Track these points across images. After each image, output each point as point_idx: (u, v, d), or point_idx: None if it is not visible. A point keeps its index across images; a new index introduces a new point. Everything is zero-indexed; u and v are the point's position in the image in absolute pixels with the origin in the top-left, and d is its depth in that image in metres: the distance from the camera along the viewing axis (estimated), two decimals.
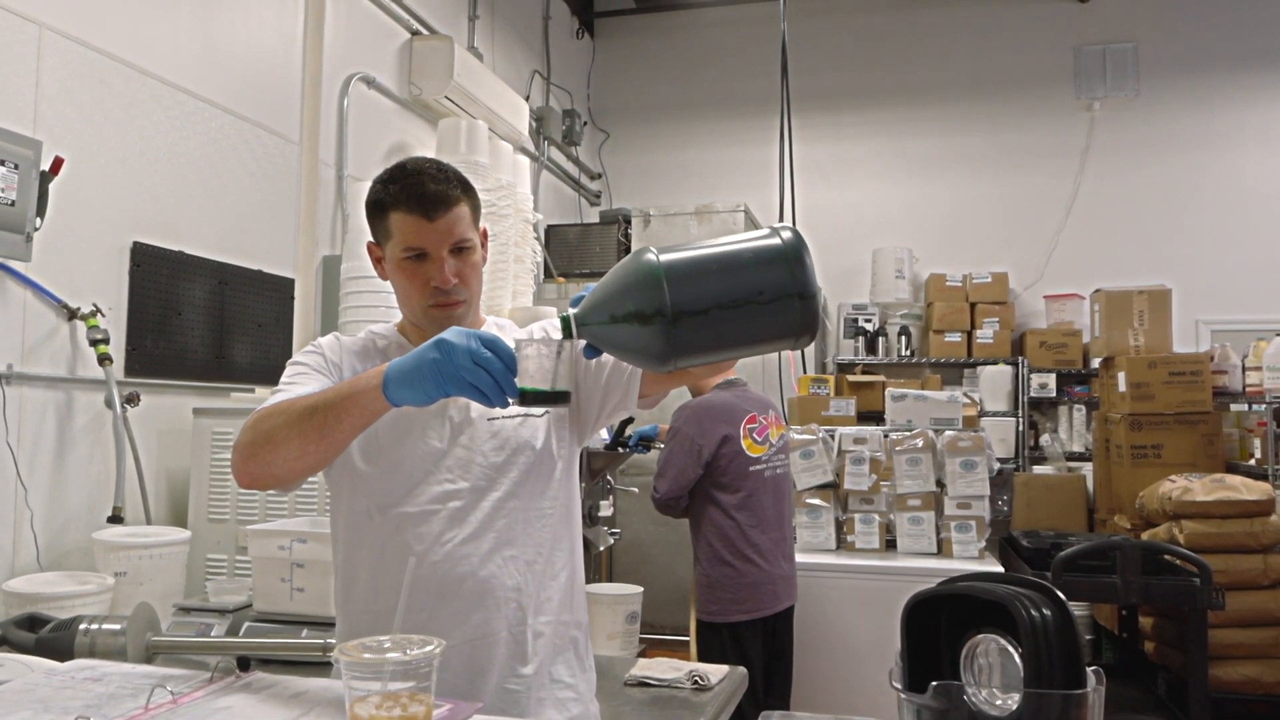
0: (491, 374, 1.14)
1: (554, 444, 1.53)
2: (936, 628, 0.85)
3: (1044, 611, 0.74)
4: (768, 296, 1.07)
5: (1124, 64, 6.17)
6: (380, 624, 1.39)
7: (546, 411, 1.51)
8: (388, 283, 2.96)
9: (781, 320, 1.08)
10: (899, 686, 0.82)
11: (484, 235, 1.56)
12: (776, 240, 1.11)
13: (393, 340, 1.59)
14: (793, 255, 1.08)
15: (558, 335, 1.57)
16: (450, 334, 1.17)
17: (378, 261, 1.54)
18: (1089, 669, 0.76)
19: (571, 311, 1.17)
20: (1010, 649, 0.77)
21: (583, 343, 1.17)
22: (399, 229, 1.46)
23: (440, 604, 1.42)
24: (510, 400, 1.16)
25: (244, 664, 1.26)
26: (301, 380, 1.49)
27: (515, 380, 1.16)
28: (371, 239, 1.54)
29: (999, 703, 0.78)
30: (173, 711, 1.06)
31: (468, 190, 1.50)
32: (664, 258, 1.10)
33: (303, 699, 1.16)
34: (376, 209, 1.49)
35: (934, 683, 0.78)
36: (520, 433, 1.50)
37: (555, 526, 1.52)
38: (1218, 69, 6.04)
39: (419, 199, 1.43)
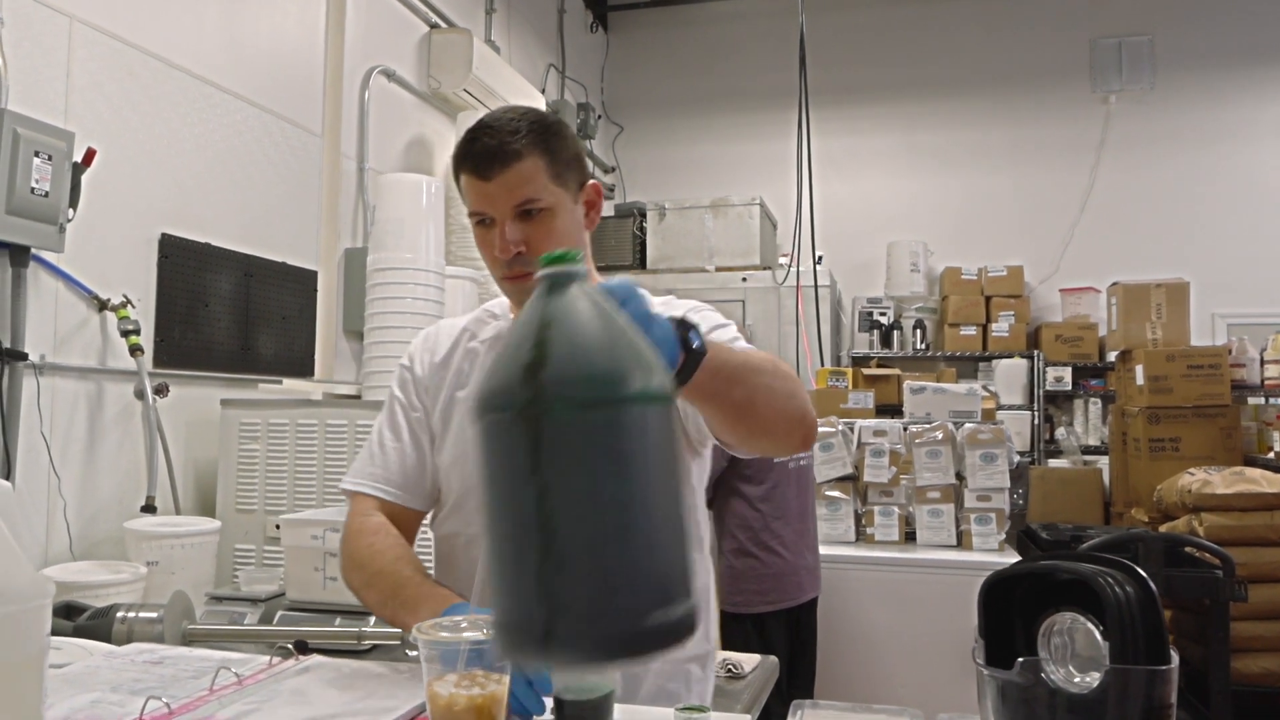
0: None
1: None
2: (1009, 607, 0.86)
3: (1127, 589, 0.75)
4: None
5: (1140, 57, 6.15)
6: None
7: None
8: (417, 275, 2.92)
9: None
10: (981, 663, 0.83)
11: (593, 191, 1.35)
12: None
13: (501, 319, 1.45)
14: None
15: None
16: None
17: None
18: None
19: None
20: (1091, 626, 0.78)
21: None
22: (466, 191, 1.31)
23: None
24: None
25: (302, 647, 1.27)
26: (386, 432, 1.44)
27: None
28: None
29: (1077, 680, 0.79)
30: (239, 693, 1.07)
31: (544, 140, 1.28)
32: None
33: (367, 680, 1.17)
34: (455, 170, 1.35)
35: (1021, 659, 0.79)
36: None
37: None
38: (1234, 62, 6.02)
39: (474, 157, 1.27)
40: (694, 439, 1.37)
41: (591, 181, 1.36)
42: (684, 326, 0.93)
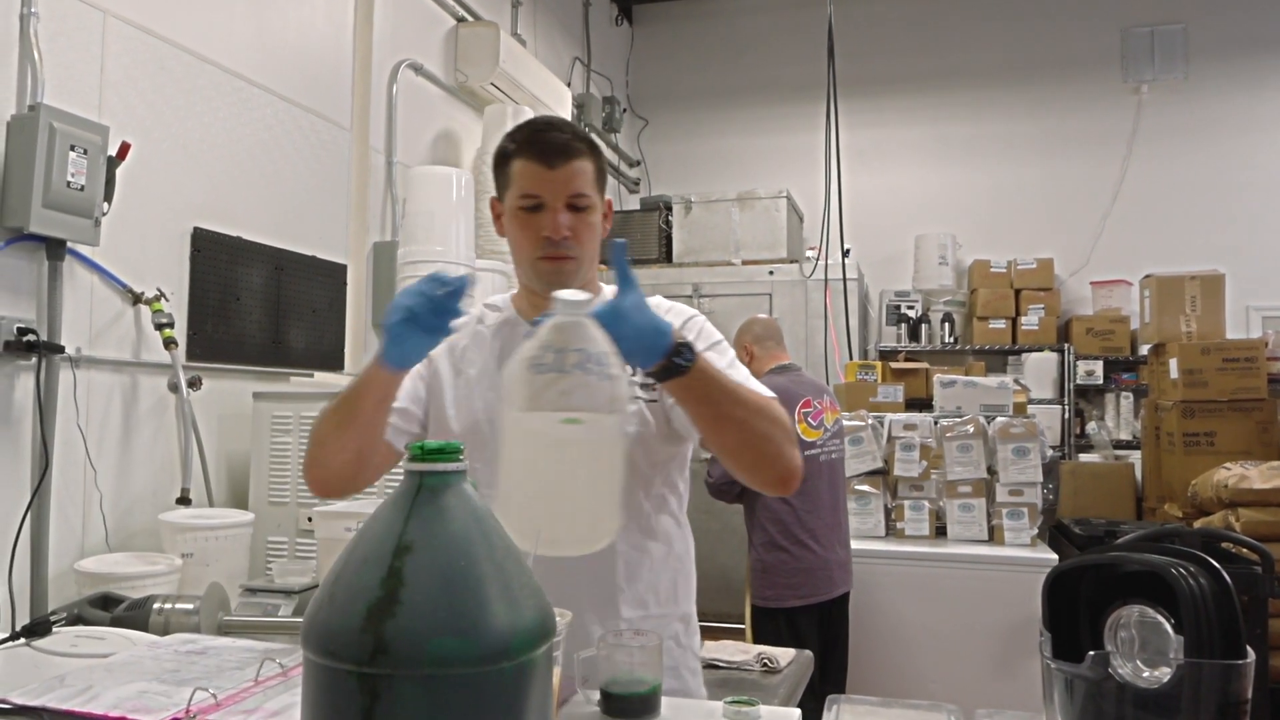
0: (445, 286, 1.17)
1: (653, 427, 1.48)
2: (1074, 600, 0.84)
3: (1202, 581, 0.73)
4: None
5: (1172, 46, 6.06)
6: None
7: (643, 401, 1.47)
8: (447, 268, 2.97)
9: None
10: (1049, 656, 0.81)
11: (609, 206, 1.53)
12: None
13: (503, 311, 1.58)
14: None
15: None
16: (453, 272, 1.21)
17: (497, 217, 1.54)
18: None
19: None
20: (1161, 619, 0.76)
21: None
22: (519, 176, 1.45)
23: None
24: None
25: None
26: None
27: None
28: (495, 194, 1.54)
29: (1146, 674, 0.77)
30: (284, 684, 1.07)
31: (594, 150, 1.48)
32: None
33: None
34: (501, 158, 1.49)
35: (1092, 653, 0.77)
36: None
37: (651, 518, 1.50)
38: (1269, 50, 5.92)
39: (540, 146, 1.43)
40: (677, 430, 1.47)
41: (607, 197, 1.54)
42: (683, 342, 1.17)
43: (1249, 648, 0.74)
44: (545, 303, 1.44)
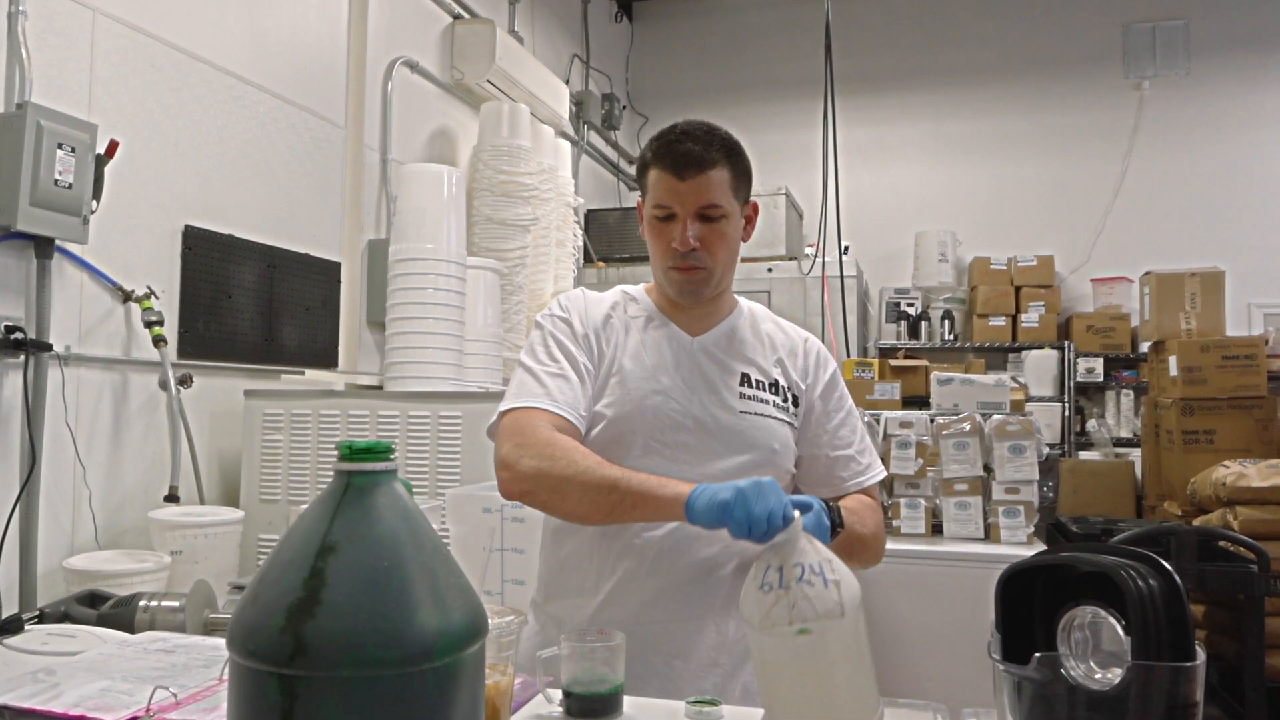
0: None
1: (790, 450, 1.53)
2: (1030, 600, 0.83)
3: (1150, 582, 0.72)
4: None
5: (1174, 42, 6.03)
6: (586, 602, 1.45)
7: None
8: (438, 265, 2.99)
9: None
10: (997, 658, 0.80)
11: (753, 209, 1.54)
12: None
13: (643, 304, 1.59)
14: None
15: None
16: (769, 491, 1.14)
17: (642, 220, 1.56)
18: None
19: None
20: (1113, 621, 0.75)
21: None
22: (653, 186, 1.47)
23: (656, 578, 1.43)
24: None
25: None
26: (559, 366, 1.47)
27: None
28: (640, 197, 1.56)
29: (1098, 676, 0.76)
30: None
31: (733, 156, 1.48)
32: None
33: None
34: (641, 164, 1.51)
35: (1038, 654, 0.76)
36: (762, 426, 1.51)
37: None
38: (1271, 46, 5.88)
39: (673, 157, 1.44)
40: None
41: (753, 199, 1.55)
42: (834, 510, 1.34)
43: (1199, 649, 0.73)
44: (678, 305, 1.54)
